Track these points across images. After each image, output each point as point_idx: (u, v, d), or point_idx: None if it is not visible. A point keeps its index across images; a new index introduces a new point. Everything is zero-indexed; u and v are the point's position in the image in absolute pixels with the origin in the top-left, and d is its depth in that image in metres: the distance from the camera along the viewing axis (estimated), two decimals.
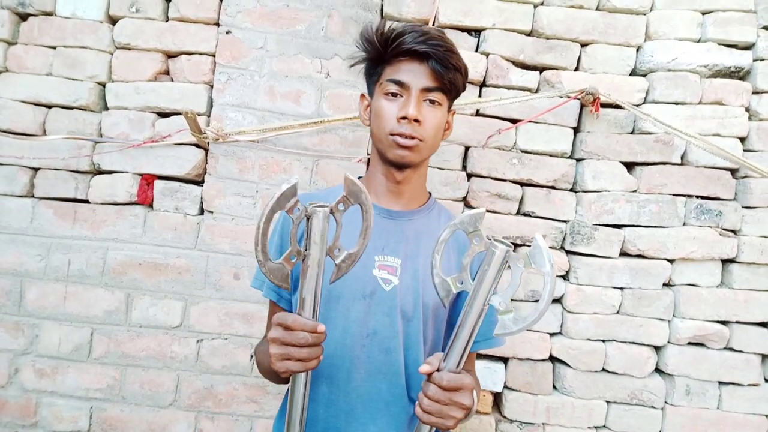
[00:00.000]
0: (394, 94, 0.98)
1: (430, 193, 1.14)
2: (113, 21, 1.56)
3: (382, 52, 0.99)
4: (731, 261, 1.54)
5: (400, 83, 0.97)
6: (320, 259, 0.78)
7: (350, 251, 0.82)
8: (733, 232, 1.54)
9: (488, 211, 1.54)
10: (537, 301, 1.51)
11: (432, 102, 0.98)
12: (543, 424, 1.54)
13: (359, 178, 1.14)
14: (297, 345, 0.77)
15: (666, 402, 1.53)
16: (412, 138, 0.97)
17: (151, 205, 1.55)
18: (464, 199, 1.55)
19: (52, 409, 1.50)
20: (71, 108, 1.54)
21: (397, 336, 0.97)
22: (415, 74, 0.97)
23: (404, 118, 0.96)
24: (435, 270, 0.83)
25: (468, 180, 1.55)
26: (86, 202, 1.54)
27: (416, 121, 0.96)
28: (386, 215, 1.05)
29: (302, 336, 0.77)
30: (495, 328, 1.07)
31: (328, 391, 0.97)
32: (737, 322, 1.52)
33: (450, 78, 0.98)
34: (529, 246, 1.54)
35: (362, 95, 1.10)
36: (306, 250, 0.79)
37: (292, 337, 0.77)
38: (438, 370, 0.82)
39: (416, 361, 0.97)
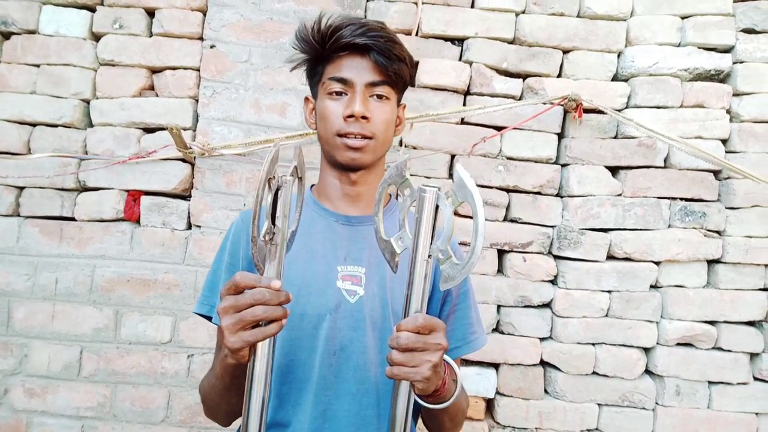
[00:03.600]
0: (338, 93, 0.92)
1: (390, 195, 1.06)
2: (97, 38, 1.56)
3: (321, 49, 0.93)
4: (717, 261, 1.56)
5: (343, 80, 0.91)
6: (284, 234, 0.72)
7: (292, 229, 0.76)
8: (718, 232, 1.55)
9: None
10: (527, 306, 1.53)
11: (379, 97, 0.93)
12: (536, 428, 1.55)
13: (312, 186, 1.06)
14: (252, 305, 0.67)
15: (657, 403, 1.55)
16: (363, 137, 0.92)
17: (138, 221, 1.54)
18: None
19: (42, 428, 1.49)
20: (56, 126, 1.54)
21: (366, 351, 0.91)
22: (358, 69, 0.91)
23: (351, 116, 0.90)
24: (379, 235, 0.80)
25: None
26: (72, 219, 1.54)
27: (364, 118, 0.90)
28: (345, 221, 0.98)
29: (258, 292, 0.67)
30: (472, 329, 1.02)
31: (292, 415, 0.90)
32: (725, 322, 1.54)
33: (395, 69, 0.92)
34: (518, 252, 1.55)
35: (306, 98, 1.03)
36: (274, 225, 0.70)
37: (246, 298, 0.67)
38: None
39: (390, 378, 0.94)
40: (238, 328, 0.67)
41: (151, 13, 1.57)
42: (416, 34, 1.56)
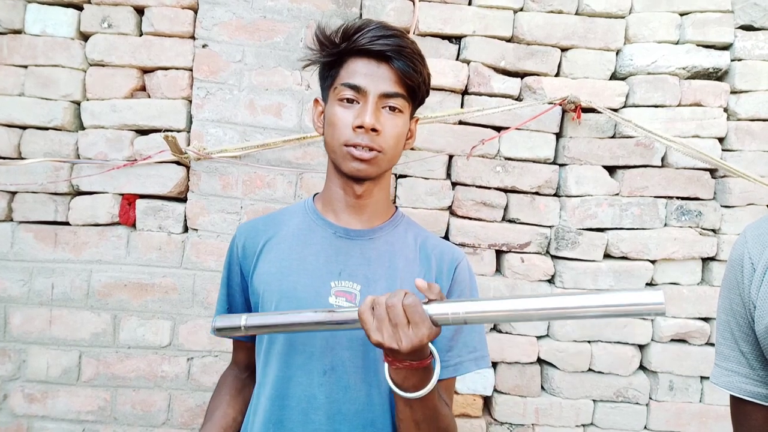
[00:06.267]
0: (349, 100, 0.87)
1: (396, 207, 1.04)
2: (85, 37, 1.52)
3: (337, 51, 0.88)
4: (711, 259, 1.57)
5: (355, 88, 0.86)
6: None
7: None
8: (713, 231, 1.57)
9: (474, 219, 1.55)
10: None
11: (392, 109, 0.88)
12: (532, 424, 1.57)
13: (315, 194, 1.03)
14: None
15: (650, 398, 1.58)
16: (370, 149, 0.86)
17: (133, 225, 1.53)
18: (449, 208, 1.56)
19: None
20: (46, 129, 1.50)
21: (358, 371, 0.87)
22: (373, 77, 0.86)
23: (360, 127, 0.85)
24: None
25: (453, 189, 1.56)
26: (67, 224, 1.52)
27: (374, 130, 0.85)
28: (343, 234, 0.94)
29: None
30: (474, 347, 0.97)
31: None
32: None
33: (412, 81, 0.87)
34: (516, 252, 1.55)
35: (316, 100, 0.98)
36: None
37: None
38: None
39: (383, 399, 0.88)
40: None
41: (140, 11, 1.53)
42: (413, 33, 1.53)
